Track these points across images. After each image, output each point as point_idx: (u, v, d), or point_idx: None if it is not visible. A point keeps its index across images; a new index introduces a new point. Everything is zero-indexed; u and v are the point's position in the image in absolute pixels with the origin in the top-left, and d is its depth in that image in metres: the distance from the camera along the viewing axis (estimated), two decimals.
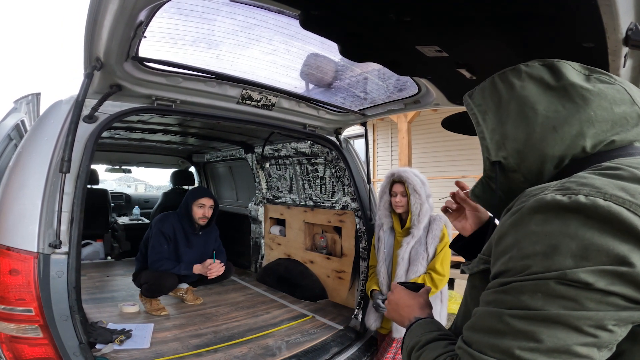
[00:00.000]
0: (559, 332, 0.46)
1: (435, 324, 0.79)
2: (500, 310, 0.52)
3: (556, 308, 0.47)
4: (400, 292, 0.96)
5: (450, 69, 1.51)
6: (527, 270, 0.49)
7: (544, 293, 0.48)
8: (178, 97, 1.89)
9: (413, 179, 2.05)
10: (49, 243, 1.45)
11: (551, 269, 0.47)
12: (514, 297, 0.50)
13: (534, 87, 0.66)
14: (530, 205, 0.52)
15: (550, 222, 0.49)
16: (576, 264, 0.46)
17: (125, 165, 5.37)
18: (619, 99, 0.62)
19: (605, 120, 0.60)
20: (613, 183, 0.49)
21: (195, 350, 2.10)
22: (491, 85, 0.72)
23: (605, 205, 0.46)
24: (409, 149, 7.15)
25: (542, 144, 0.63)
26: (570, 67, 0.65)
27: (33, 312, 1.41)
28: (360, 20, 1.24)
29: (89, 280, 3.39)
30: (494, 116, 0.70)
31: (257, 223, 4.03)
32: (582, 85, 0.63)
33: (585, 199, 0.48)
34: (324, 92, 2.30)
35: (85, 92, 1.46)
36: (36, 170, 1.48)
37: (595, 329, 0.46)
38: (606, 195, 0.47)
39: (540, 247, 0.49)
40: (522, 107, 0.66)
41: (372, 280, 2.26)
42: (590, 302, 0.46)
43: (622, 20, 0.97)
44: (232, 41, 1.66)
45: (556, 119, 0.62)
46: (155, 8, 1.20)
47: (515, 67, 0.69)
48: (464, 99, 0.77)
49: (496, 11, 1.08)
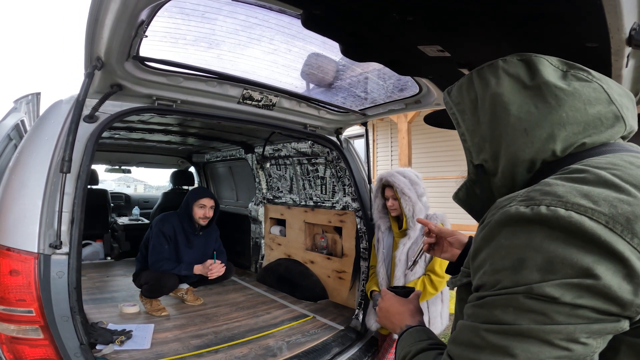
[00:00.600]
0: (532, 346, 0.46)
1: (426, 332, 0.78)
2: (476, 324, 0.52)
3: (527, 322, 0.46)
4: (390, 298, 0.95)
5: (452, 69, 1.50)
6: (498, 285, 0.49)
7: (514, 307, 0.47)
8: (179, 97, 1.88)
9: (400, 182, 2.02)
10: (50, 243, 1.44)
11: (519, 284, 0.47)
12: (488, 311, 0.50)
13: (509, 84, 0.63)
14: (497, 218, 0.51)
15: (518, 236, 0.48)
16: (542, 277, 0.45)
17: (125, 166, 5.36)
18: (594, 98, 0.59)
19: (577, 122, 0.58)
20: (576, 189, 0.47)
21: (196, 350, 2.10)
22: (468, 82, 0.69)
23: (567, 216, 0.45)
24: (409, 149, 7.15)
25: (514, 147, 0.61)
26: (548, 63, 0.62)
27: (34, 313, 1.40)
28: (362, 19, 1.24)
29: (88, 281, 3.38)
30: (471, 116, 0.68)
31: (258, 223, 4.02)
32: (557, 84, 0.60)
33: (546, 209, 0.46)
34: (325, 92, 2.29)
35: (85, 91, 1.45)
36: (36, 170, 1.47)
37: (567, 342, 0.45)
38: (567, 204, 0.46)
39: (508, 261, 0.48)
40: (495, 106, 0.63)
41: (372, 281, 2.26)
42: (560, 315, 0.45)
43: (626, 20, 0.97)
44: (233, 41, 1.66)
45: (528, 121, 0.60)
46: (156, 7, 1.19)
47: (493, 63, 0.66)
48: (443, 95, 0.75)
49: (500, 10, 1.08)
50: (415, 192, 2.01)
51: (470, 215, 0.75)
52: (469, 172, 0.70)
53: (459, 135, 0.70)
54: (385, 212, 2.19)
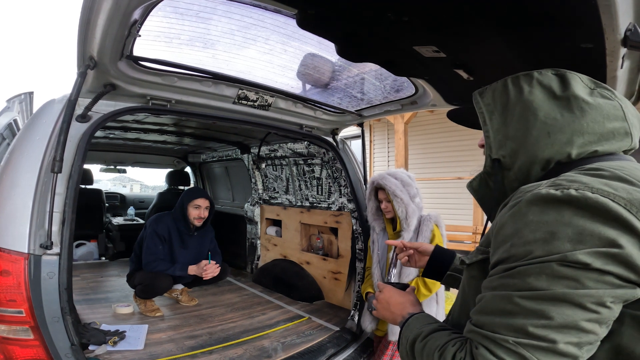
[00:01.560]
0: (566, 309, 0.52)
1: (432, 318, 0.83)
2: (508, 292, 0.56)
3: (561, 287, 0.52)
4: (389, 290, 0.99)
5: (448, 70, 1.50)
6: (529, 255, 0.55)
7: (548, 274, 0.53)
8: (173, 97, 1.87)
9: (392, 185, 2.00)
10: (40, 244, 1.43)
11: (552, 252, 0.53)
12: (520, 280, 0.55)
13: (541, 93, 0.70)
14: (528, 198, 0.58)
15: (547, 213, 0.55)
16: (573, 247, 0.52)
17: (120, 165, 5.33)
18: (613, 115, 0.68)
19: (595, 133, 0.67)
20: (597, 180, 0.56)
21: (190, 351, 2.08)
22: (502, 87, 0.76)
23: (594, 197, 0.53)
24: (405, 150, 7.16)
25: (535, 147, 0.70)
26: (579, 80, 0.70)
27: (24, 314, 1.39)
28: (358, 19, 1.23)
29: (82, 281, 3.36)
30: (499, 117, 0.75)
31: (253, 224, 4.01)
32: (584, 98, 0.68)
33: (575, 192, 0.54)
34: (321, 93, 2.29)
35: (78, 91, 1.43)
36: (27, 170, 1.45)
37: (596, 305, 0.51)
38: (593, 189, 0.54)
39: (540, 234, 0.54)
40: (525, 111, 0.71)
41: (367, 282, 2.25)
42: (590, 280, 0.51)
43: (621, 21, 0.97)
44: (228, 41, 1.65)
45: (552, 126, 0.68)
46: (150, 7, 1.18)
47: (529, 73, 0.73)
48: (473, 96, 0.81)
49: (495, 12, 1.07)
50: (407, 194, 1.99)
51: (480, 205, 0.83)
52: (486, 165, 0.77)
53: (484, 131, 0.77)
54: (379, 214, 2.19)
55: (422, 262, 1.23)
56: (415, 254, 1.25)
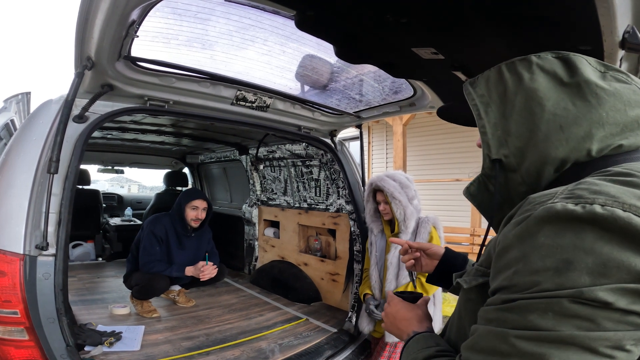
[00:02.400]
0: (572, 353, 0.43)
1: (434, 339, 0.75)
2: (504, 330, 0.48)
3: (570, 328, 0.43)
4: (397, 304, 0.91)
5: (446, 72, 1.50)
6: (535, 287, 0.45)
7: (555, 312, 0.43)
8: (171, 98, 1.87)
9: (390, 187, 2.00)
10: (36, 245, 1.42)
11: (565, 287, 0.43)
12: (520, 315, 0.46)
13: (545, 80, 0.61)
14: (539, 214, 0.47)
15: (562, 235, 0.44)
16: (593, 281, 0.42)
17: (118, 166, 5.31)
18: (634, 100, 0.58)
19: (617, 123, 0.57)
20: (630, 192, 0.45)
21: (187, 352, 2.07)
22: (497, 75, 0.66)
23: (626, 217, 0.42)
24: (403, 151, 7.17)
25: (546, 144, 0.59)
26: (586, 62, 0.61)
27: (19, 314, 1.39)
28: (356, 21, 1.23)
29: (78, 282, 3.34)
30: (497, 109, 0.65)
31: (251, 225, 4.01)
32: (598, 83, 0.58)
33: (601, 209, 0.43)
34: (319, 94, 2.29)
35: (75, 91, 1.43)
36: (23, 171, 1.45)
37: (612, 349, 0.42)
38: (625, 205, 0.43)
39: (551, 261, 0.44)
40: (529, 101, 0.61)
41: (365, 284, 2.25)
42: (609, 321, 0.42)
43: (620, 23, 0.97)
44: (226, 42, 1.65)
45: (564, 118, 0.58)
46: (147, 7, 1.18)
47: (526, 58, 0.64)
48: (464, 86, 0.72)
49: (493, 14, 1.08)
50: (406, 196, 2.00)
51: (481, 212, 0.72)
52: (484, 167, 0.67)
53: (479, 127, 0.67)
54: (377, 215, 2.19)
55: (429, 266, 1.09)
56: (422, 257, 1.11)
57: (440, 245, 1.12)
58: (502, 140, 0.64)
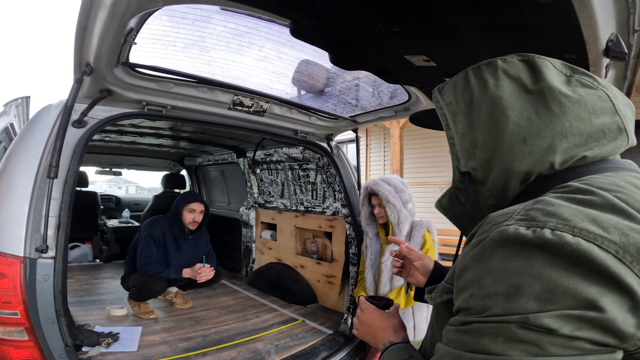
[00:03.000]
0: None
1: (407, 350, 0.75)
2: (460, 352, 0.48)
3: (518, 353, 0.43)
4: (372, 312, 0.91)
5: (439, 78, 1.53)
6: (488, 312, 0.45)
7: (505, 337, 0.44)
8: (169, 103, 1.89)
9: (385, 190, 2.04)
10: (36, 248, 1.45)
11: (513, 312, 0.43)
12: (474, 339, 0.47)
13: (509, 87, 0.58)
14: (493, 237, 0.47)
15: (514, 259, 0.44)
16: (540, 307, 0.42)
17: (116, 168, 5.33)
18: (600, 108, 0.55)
19: (581, 133, 0.55)
20: (583, 213, 0.44)
21: (184, 353, 2.09)
22: (464, 81, 0.64)
23: (574, 243, 0.41)
24: (400, 154, 7.20)
25: (510, 157, 0.57)
26: (552, 66, 0.58)
27: (19, 315, 1.41)
28: (349, 30, 1.27)
29: (76, 283, 3.36)
30: (464, 119, 0.63)
31: (249, 227, 4.03)
32: (561, 89, 0.56)
33: (551, 234, 0.43)
34: (316, 99, 2.32)
35: (74, 96, 1.45)
36: (24, 175, 1.47)
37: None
38: (575, 229, 0.42)
39: (502, 287, 0.44)
40: (493, 110, 0.59)
41: (360, 287, 2.28)
42: (554, 347, 0.42)
43: (602, 32, 0.99)
44: (223, 48, 1.67)
45: (527, 129, 0.56)
46: (145, 15, 1.21)
47: (492, 62, 0.61)
48: (433, 93, 0.69)
49: (481, 23, 1.11)
50: (400, 200, 2.03)
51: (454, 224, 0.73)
52: (454, 179, 0.66)
53: (447, 138, 0.65)
54: (372, 219, 2.22)
55: (414, 278, 1.09)
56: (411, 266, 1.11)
57: (428, 256, 1.12)
58: (470, 152, 0.62)
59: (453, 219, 0.71)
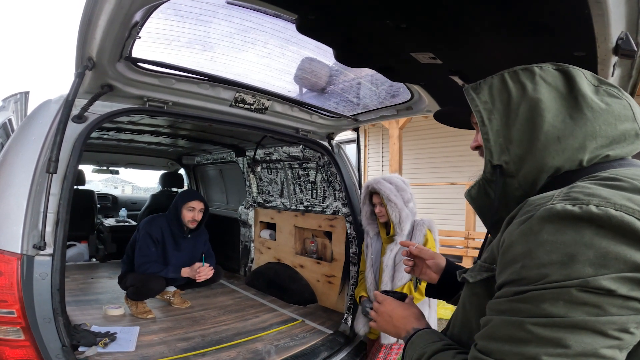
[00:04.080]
0: (586, 337, 0.47)
1: (437, 334, 0.77)
2: (519, 319, 0.51)
3: (580, 314, 0.47)
4: (391, 303, 0.94)
5: (443, 76, 1.53)
6: (545, 279, 0.49)
7: (566, 300, 0.48)
8: (170, 99, 1.87)
9: (386, 189, 2.02)
10: (34, 244, 1.42)
11: (571, 277, 0.48)
12: (533, 305, 0.50)
13: (547, 92, 0.64)
14: (541, 214, 0.52)
15: (564, 232, 0.49)
16: (596, 271, 0.47)
17: (113, 166, 5.29)
18: (624, 115, 0.63)
19: (607, 136, 0.61)
20: (619, 194, 0.50)
21: (183, 354, 2.07)
22: (501, 83, 0.69)
23: (618, 216, 0.47)
24: (399, 154, 7.20)
25: (544, 153, 0.63)
26: (584, 76, 0.65)
27: (15, 314, 1.38)
28: (357, 26, 1.25)
29: (72, 283, 3.32)
30: (500, 117, 0.68)
31: (247, 227, 4.00)
32: (593, 97, 0.63)
33: (597, 209, 0.48)
34: (318, 97, 2.31)
35: (75, 91, 1.43)
36: (22, 170, 1.44)
37: (619, 332, 0.47)
38: (616, 205, 0.48)
39: (556, 256, 0.49)
40: (531, 111, 0.64)
41: (360, 286, 2.26)
42: (613, 307, 0.47)
43: (613, 29, 0.99)
44: (227, 44, 1.66)
45: (562, 130, 0.62)
46: (151, 9, 1.19)
47: (528, 68, 0.67)
48: (465, 91, 0.73)
49: (491, 20, 1.10)
50: (401, 199, 2.01)
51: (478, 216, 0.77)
52: (485, 172, 0.70)
53: (482, 133, 0.70)
54: (373, 218, 2.20)
55: (426, 276, 1.13)
56: (423, 264, 1.13)
57: (440, 254, 1.14)
58: (503, 148, 0.67)
59: (478, 208, 0.75)
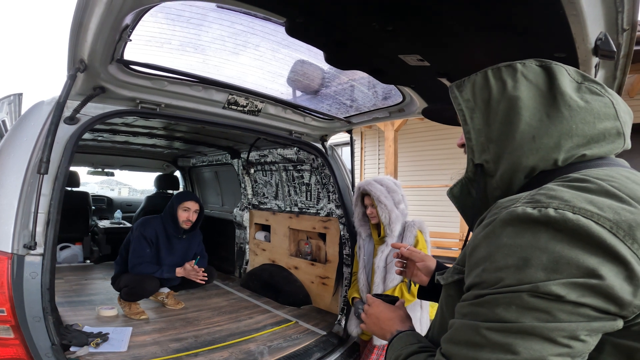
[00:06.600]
0: (535, 343, 0.47)
1: (416, 336, 0.78)
2: (476, 323, 0.52)
3: (530, 320, 0.47)
4: (379, 305, 0.96)
5: (432, 78, 1.55)
6: (500, 283, 0.50)
7: (517, 305, 0.48)
8: (163, 101, 1.88)
9: (377, 191, 2.04)
10: (24, 244, 1.42)
11: (523, 282, 0.48)
12: (488, 309, 0.51)
13: (527, 89, 0.63)
14: (502, 217, 0.52)
15: (522, 235, 0.49)
16: (547, 276, 0.46)
17: (108, 168, 5.28)
18: (604, 113, 0.61)
19: (584, 135, 0.60)
20: (581, 196, 0.50)
21: (175, 354, 2.07)
22: (483, 80, 0.68)
23: (574, 219, 0.47)
24: (395, 157, 7.22)
25: (518, 152, 0.63)
26: (566, 73, 0.63)
27: (5, 313, 1.38)
28: (344, 28, 1.27)
29: (65, 284, 3.31)
30: (481, 115, 0.67)
31: (242, 228, 4.01)
32: (572, 95, 0.61)
33: (554, 212, 0.48)
34: (311, 99, 2.32)
35: (67, 93, 1.44)
36: (14, 171, 1.45)
37: (568, 339, 0.47)
38: (575, 208, 0.48)
39: (512, 260, 0.49)
40: (509, 109, 0.63)
41: (353, 288, 2.28)
42: (563, 313, 0.46)
43: (591, 30, 1.00)
44: (219, 46, 1.67)
45: (537, 129, 0.61)
46: (141, 12, 1.20)
47: (511, 64, 0.66)
48: (450, 89, 0.72)
49: (474, 22, 1.12)
50: (392, 200, 2.03)
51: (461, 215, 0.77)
52: (468, 170, 0.71)
53: (464, 132, 0.70)
54: (365, 220, 2.22)
55: (417, 278, 1.15)
56: (414, 266, 1.16)
57: (430, 257, 1.16)
58: (484, 146, 0.67)
59: (460, 207, 0.76)
